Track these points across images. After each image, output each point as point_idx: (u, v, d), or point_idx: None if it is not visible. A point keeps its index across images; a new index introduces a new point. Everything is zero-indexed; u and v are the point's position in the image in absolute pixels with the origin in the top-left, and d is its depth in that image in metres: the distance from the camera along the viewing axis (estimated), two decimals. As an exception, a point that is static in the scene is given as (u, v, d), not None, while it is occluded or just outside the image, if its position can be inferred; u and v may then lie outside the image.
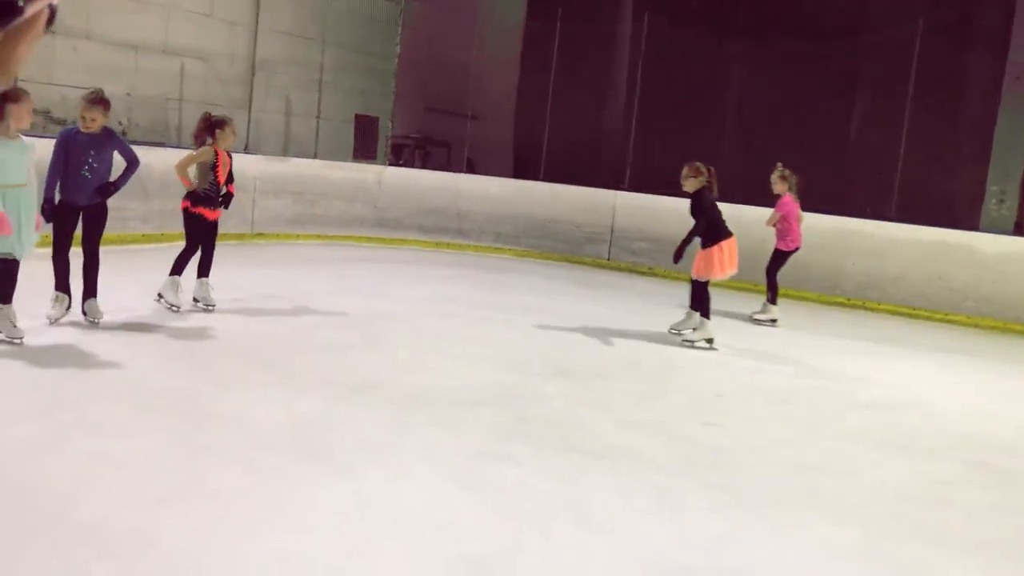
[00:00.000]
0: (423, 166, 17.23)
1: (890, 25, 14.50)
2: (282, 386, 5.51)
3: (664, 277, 13.12)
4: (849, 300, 11.90)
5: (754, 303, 10.33)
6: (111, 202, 6.70)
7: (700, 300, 8.15)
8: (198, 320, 7.11)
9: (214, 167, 7.31)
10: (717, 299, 8.49)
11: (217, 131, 7.34)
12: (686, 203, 13.26)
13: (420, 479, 4.20)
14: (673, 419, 5.67)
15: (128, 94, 12.81)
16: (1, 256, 5.76)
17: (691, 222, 8.29)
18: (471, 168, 16.48)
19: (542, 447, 4.83)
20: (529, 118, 16.85)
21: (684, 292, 11.99)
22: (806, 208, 10.38)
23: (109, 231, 10.61)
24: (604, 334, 8.36)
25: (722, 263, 8.17)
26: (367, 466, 4.29)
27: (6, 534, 3.25)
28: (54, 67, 11.77)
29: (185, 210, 7.36)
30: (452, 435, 4.89)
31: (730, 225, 8.48)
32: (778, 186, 9.87)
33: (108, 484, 3.79)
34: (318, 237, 13.27)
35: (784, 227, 9.88)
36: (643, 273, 13.36)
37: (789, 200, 9.84)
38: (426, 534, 3.60)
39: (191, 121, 10.63)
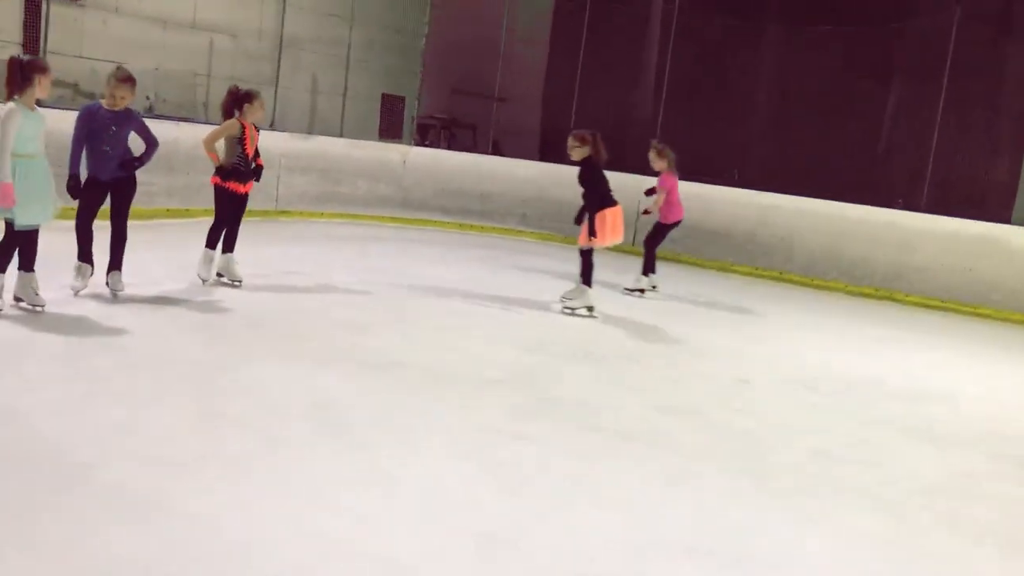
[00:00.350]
0: (448, 147, 17.16)
1: (927, 12, 14.25)
2: (303, 360, 5.49)
3: (689, 264, 13.02)
4: (877, 291, 11.76)
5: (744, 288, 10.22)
6: (140, 177, 6.70)
7: (585, 268, 8.07)
8: (222, 294, 7.11)
9: (241, 140, 7.26)
10: (717, 283, 8.39)
11: (245, 104, 7.29)
12: (713, 189, 13.16)
13: (438, 456, 4.17)
14: (697, 404, 5.60)
15: (156, 69, 12.82)
16: (24, 228, 5.75)
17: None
18: (497, 150, 16.40)
19: (562, 427, 4.79)
20: (556, 100, 16.73)
21: (711, 278, 11.91)
22: (838, 197, 10.26)
23: (135, 205, 10.66)
24: (627, 318, 8.29)
25: (604, 232, 8.05)
26: (385, 441, 4.27)
27: (29, 497, 3.25)
28: (83, 40, 11.81)
29: (216, 185, 7.33)
30: (471, 413, 4.86)
31: (763, 215, 8.35)
32: (657, 163, 9.88)
33: (129, 450, 3.78)
34: (342, 215, 13.27)
35: (668, 201, 9.86)
36: (668, 259, 13.24)
37: (668, 175, 9.85)
38: (442, 510, 3.57)
39: (218, 97, 10.61)
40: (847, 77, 15.12)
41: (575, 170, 12.17)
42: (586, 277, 8.04)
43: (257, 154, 7.51)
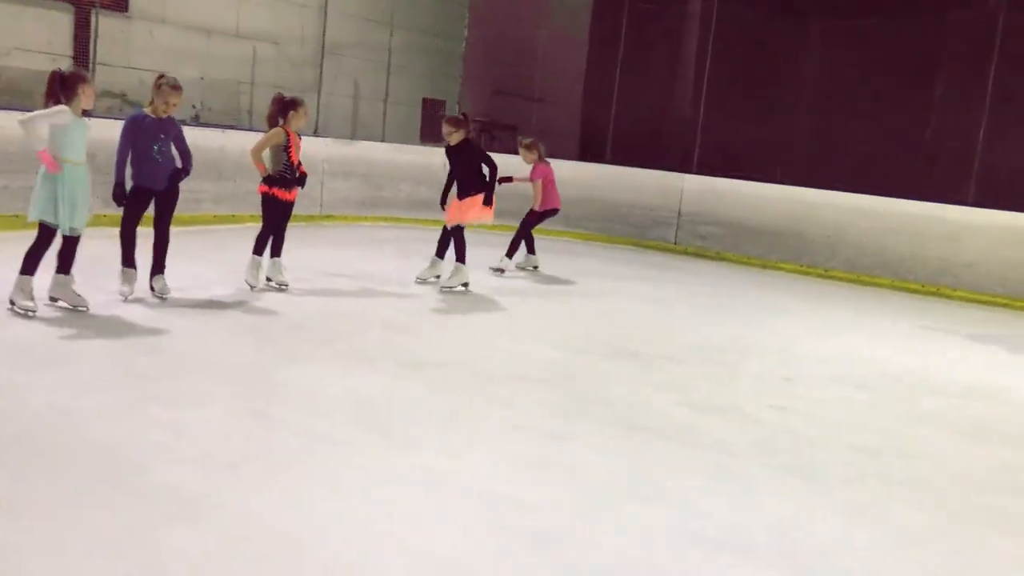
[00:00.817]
0: (489, 149, 17.21)
1: (973, 2, 14.00)
2: (347, 361, 5.58)
3: (733, 262, 12.95)
4: (923, 286, 11.59)
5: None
6: (187, 184, 6.87)
7: (458, 247, 8.37)
8: (267, 298, 7.23)
9: (286, 148, 7.37)
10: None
11: (290, 112, 7.39)
12: (756, 186, 13.08)
13: (482, 454, 4.21)
14: (742, 402, 5.58)
15: (201, 78, 13.07)
16: (67, 231, 5.94)
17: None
18: (537, 151, 16.40)
19: (607, 426, 4.81)
20: (596, 100, 16.71)
21: (755, 276, 11.84)
22: (884, 192, 10.13)
23: (183, 212, 10.87)
24: (671, 317, 8.28)
25: (469, 211, 8.38)
26: (430, 441, 4.32)
27: (84, 497, 3.36)
28: (131, 51, 12.07)
29: (263, 193, 7.46)
30: (516, 412, 4.89)
31: (807, 212, 8.31)
32: (528, 157, 10.16)
33: (180, 451, 3.88)
34: (385, 219, 13.39)
35: (544, 191, 10.11)
36: (711, 258, 13.19)
37: (542, 167, 10.10)
38: (487, 508, 3.61)
39: (262, 104, 10.82)
40: (891, 70, 14.90)
41: (615, 169, 12.38)
42: (460, 254, 8.37)
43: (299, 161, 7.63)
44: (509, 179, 9.96)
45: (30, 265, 5.88)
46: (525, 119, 16.78)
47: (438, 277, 8.62)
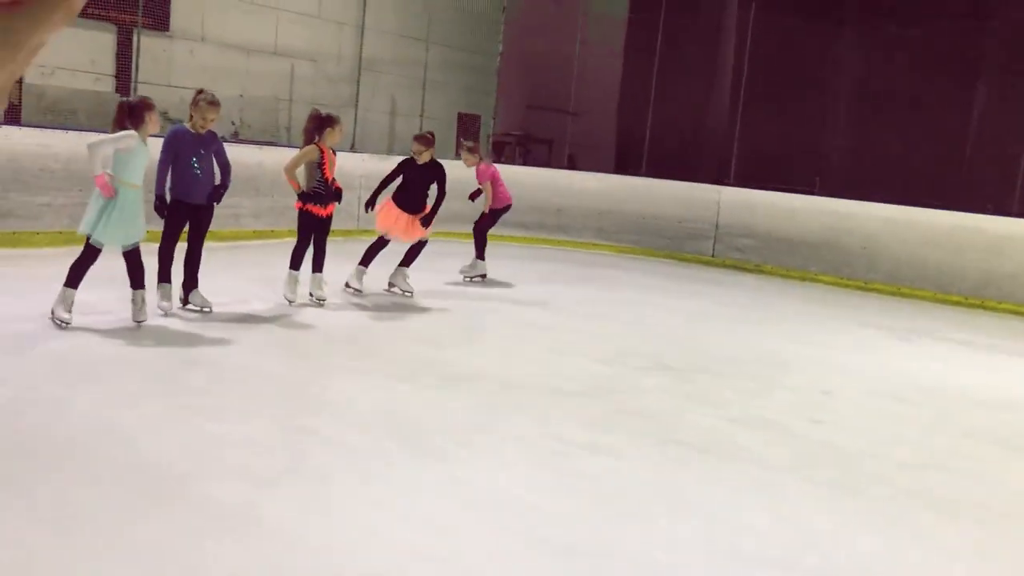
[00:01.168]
0: (524, 163, 17.28)
1: (1014, 7, 13.80)
2: (382, 375, 5.61)
3: (771, 274, 12.84)
4: (966, 298, 11.40)
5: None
6: (227, 200, 6.98)
7: (371, 251, 8.45)
8: (305, 312, 7.29)
9: (320, 165, 7.45)
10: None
11: (326, 129, 7.47)
12: (794, 197, 12.97)
13: (514, 466, 4.21)
14: (779, 416, 5.53)
15: (240, 95, 13.26)
16: (97, 246, 6.08)
17: None
18: (572, 164, 16.45)
19: (640, 439, 4.78)
20: (631, 112, 16.69)
21: (793, 288, 11.73)
22: (925, 203, 10.00)
23: (223, 227, 11.02)
24: (706, 330, 8.23)
25: (412, 227, 8.44)
26: (462, 452, 4.33)
27: (129, 507, 3.41)
28: (172, 70, 12.28)
29: (299, 209, 7.55)
30: (548, 424, 4.89)
31: (845, 223, 8.23)
32: (470, 160, 10.01)
33: (221, 463, 3.93)
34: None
35: (494, 190, 9.99)
36: (749, 270, 13.09)
37: (485, 167, 9.96)
38: (520, 520, 3.60)
39: (300, 121, 10.92)
40: (931, 77, 14.72)
41: (651, 181, 12.35)
42: (365, 259, 8.40)
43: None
44: (478, 192, 10.18)
45: (73, 278, 6.01)
46: (560, 133, 16.82)
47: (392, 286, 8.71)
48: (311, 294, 7.60)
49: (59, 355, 5.41)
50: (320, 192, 7.46)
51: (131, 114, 6.05)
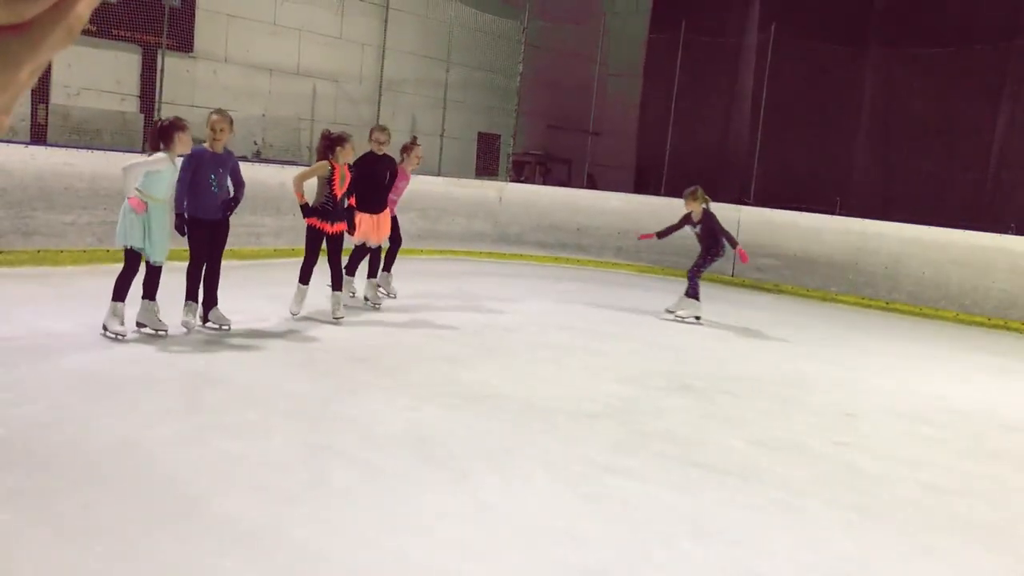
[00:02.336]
0: (544, 182, 17.31)
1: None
2: (403, 393, 5.61)
3: (792, 294, 12.78)
4: (989, 319, 11.30)
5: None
6: (248, 219, 7.04)
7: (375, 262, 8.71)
8: (325, 330, 7.32)
9: (330, 181, 7.54)
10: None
11: (337, 148, 7.57)
12: (815, 217, 12.94)
13: (538, 488, 4.19)
14: (801, 437, 5.48)
15: (263, 115, 13.38)
16: (152, 261, 6.36)
17: None
18: (592, 183, 16.45)
19: (663, 460, 4.75)
20: (651, 132, 16.69)
21: (814, 308, 11.65)
22: (946, 223, 9.92)
23: (244, 246, 11.09)
24: (727, 350, 8.19)
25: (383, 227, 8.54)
26: (485, 473, 4.32)
27: (147, 525, 3.41)
28: (195, 90, 12.41)
29: (308, 224, 7.64)
30: (571, 446, 4.87)
31: (867, 243, 8.18)
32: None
33: (240, 482, 3.93)
34: (440, 252, 13.50)
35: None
36: (768, 290, 13.03)
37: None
38: (544, 542, 3.58)
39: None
40: (952, 98, 14.64)
41: (670, 201, 12.29)
42: (350, 268, 8.53)
43: (349, 193, 7.77)
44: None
45: (120, 292, 6.28)
46: (580, 152, 16.84)
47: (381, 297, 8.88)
48: (366, 298, 8.08)
49: (83, 372, 5.44)
50: (327, 208, 7.54)
51: (162, 135, 6.33)
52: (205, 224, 6.75)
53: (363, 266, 8.67)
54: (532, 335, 8.04)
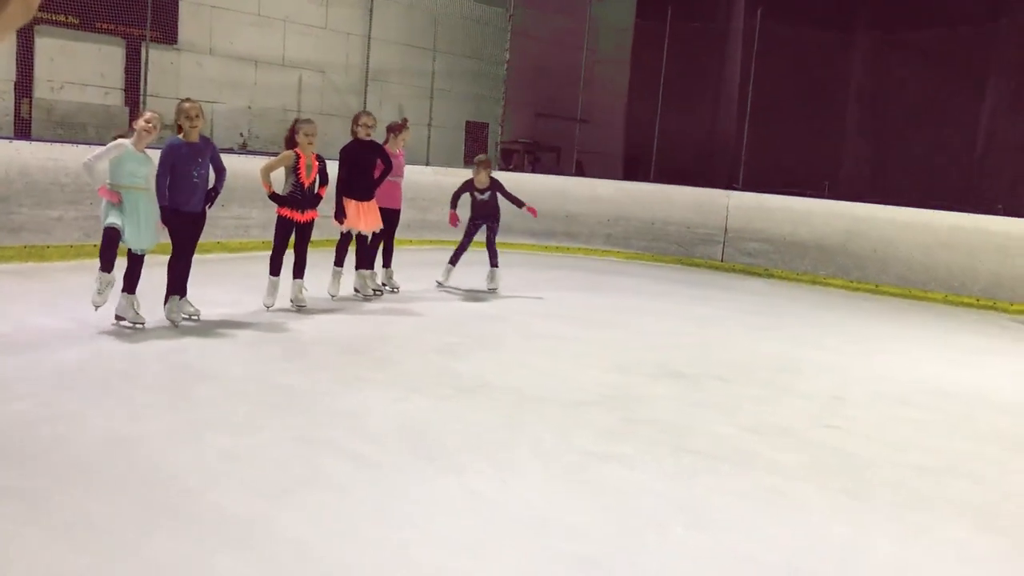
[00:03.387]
0: (532, 170, 17.28)
1: (1021, 9, 13.75)
2: (395, 385, 5.60)
3: (781, 279, 12.81)
4: (978, 300, 11.35)
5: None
6: (236, 211, 7.00)
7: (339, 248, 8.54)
8: (314, 322, 7.30)
9: (296, 170, 7.53)
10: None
11: (296, 136, 7.57)
12: (803, 201, 12.95)
13: (530, 477, 4.20)
14: (791, 422, 5.50)
15: (249, 107, 13.30)
16: (132, 250, 6.41)
17: None
18: (580, 171, 16.44)
19: (654, 448, 4.76)
20: (639, 119, 16.69)
21: (803, 292, 11.69)
22: (935, 205, 9.96)
23: (232, 238, 11.05)
24: (717, 336, 8.20)
25: (350, 216, 8.35)
26: (478, 464, 4.32)
27: (139, 521, 3.40)
28: (180, 82, 12.32)
29: (278, 215, 7.64)
30: (562, 435, 4.87)
31: (856, 226, 8.17)
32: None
33: (232, 476, 3.92)
34: (430, 242, 13.47)
35: None
36: (759, 275, 13.06)
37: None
38: (537, 532, 3.59)
39: (312, 130, 10.95)
40: (938, 82, 14.68)
41: (659, 187, 12.24)
42: (337, 259, 8.47)
43: (324, 182, 7.75)
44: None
45: (104, 263, 6.31)
46: (568, 140, 16.83)
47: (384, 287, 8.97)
48: (292, 300, 7.72)
49: (72, 368, 5.42)
50: (296, 197, 7.53)
51: (130, 123, 6.54)
52: (188, 217, 6.72)
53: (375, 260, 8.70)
54: (522, 324, 8.03)
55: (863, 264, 12.37)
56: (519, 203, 9.69)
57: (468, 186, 9.54)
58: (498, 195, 9.66)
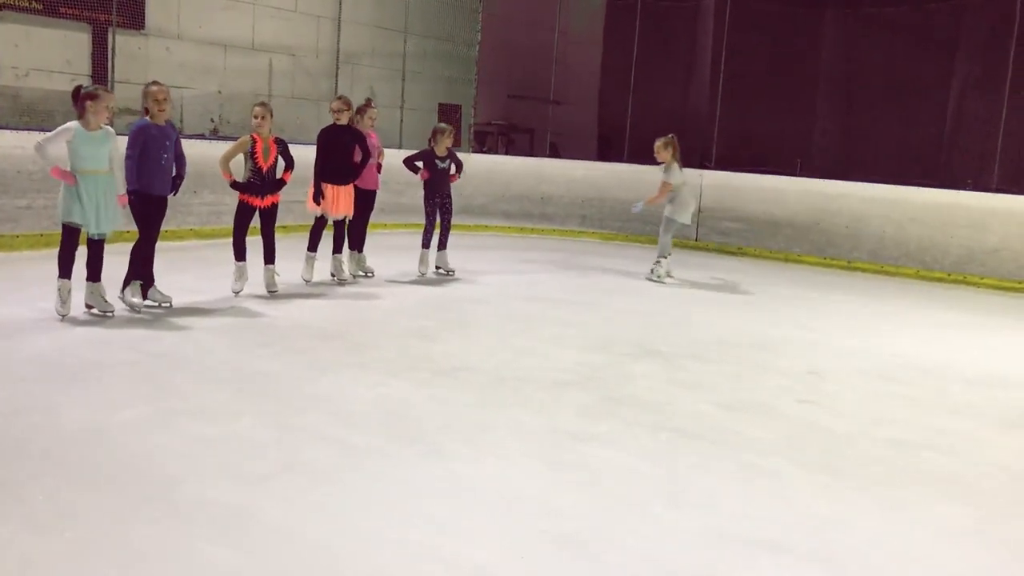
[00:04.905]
0: (506, 152, 17.24)
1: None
2: (372, 369, 5.59)
3: (755, 256, 12.88)
4: (949, 275, 11.47)
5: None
6: (209, 198, 6.93)
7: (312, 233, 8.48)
8: (290, 308, 7.26)
9: (253, 154, 7.49)
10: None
11: (253, 120, 7.55)
12: (776, 179, 12.99)
13: (510, 458, 4.21)
14: (769, 399, 5.54)
15: (219, 92, 13.15)
16: (91, 235, 6.29)
17: None
18: (555, 152, 16.42)
19: (632, 426, 4.79)
20: (612, 99, 16.68)
21: (777, 270, 11.76)
22: (906, 181, 10.02)
23: (205, 225, 10.95)
24: (693, 315, 8.24)
25: (326, 201, 8.33)
26: (457, 446, 4.32)
27: (117, 511, 3.38)
28: (148, 68, 12.15)
29: (239, 200, 7.61)
30: (541, 416, 4.88)
31: (828, 203, 8.22)
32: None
33: (211, 464, 3.90)
34: (404, 226, 13.41)
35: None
36: (732, 253, 13.13)
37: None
38: (517, 512, 3.60)
39: (280, 116, 10.85)
40: (909, 57, 14.77)
41: (633, 168, 12.19)
42: (311, 244, 8.39)
43: (290, 166, 7.71)
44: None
45: (62, 268, 6.23)
46: (541, 121, 16.78)
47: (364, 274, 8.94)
48: (267, 286, 7.73)
49: (44, 358, 5.36)
50: (254, 182, 7.49)
51: (74, 103, 6.26)
52: (155, 200, 6.66)
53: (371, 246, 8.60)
54: (499, 306, 8.03)
55: (836, 241, 12.46)
56: (460, 168, 9.59)
57: (427, 154, 9.43)
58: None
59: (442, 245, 9.55)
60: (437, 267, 9.54)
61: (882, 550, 3.49)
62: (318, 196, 8.17)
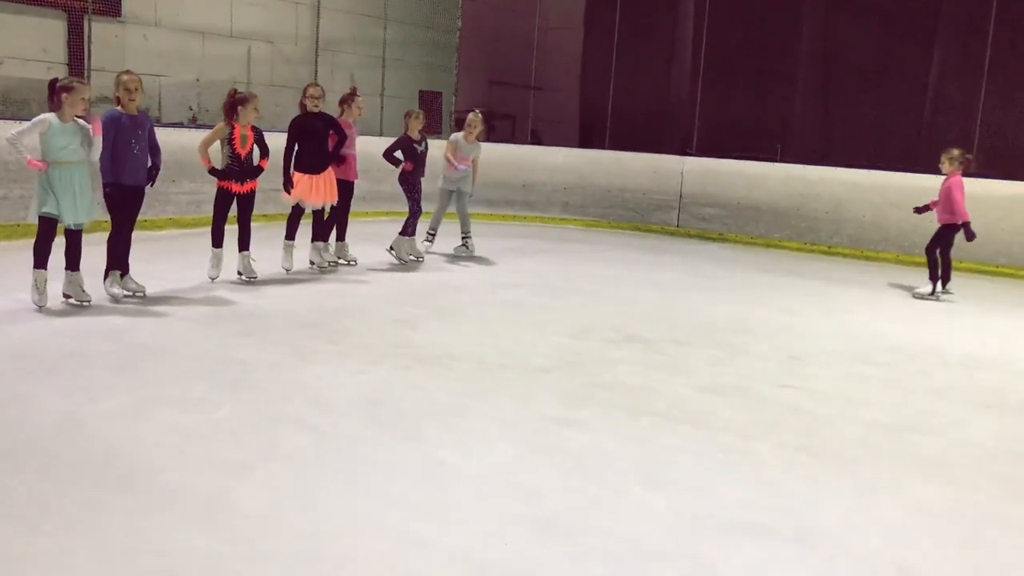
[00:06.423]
0: (488, 139, 17.18)
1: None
2: (353, 357, 5.58)
3: (736, 242, 12.93)
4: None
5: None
6: (188, 187, 6.88)
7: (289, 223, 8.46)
8: (270, 296, 7.23)
9: (231, 141, 7.47)
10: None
11: (239, 107, 7.49)
12: (757, 165, 13.03)
13: (490, 444, 4.21)
14: (748, 382, 5.57)
15: (197, 79, 13.04)
16: (67, 225, 6.27)
17: None
18: (536, 139, 16.40)
19: (612, 411, 4.80)
20: (594, 86, 16.67)
21: (758, 255, 11.80)
22: (885, 166, 10.04)
23: (184, 214, 10.88)
24: (674, 300, 8.27)
25: (298, 189, 8.30)
26: (438, 432, 4.32)
27: (96, 502, 3.36)
28: (125, 56, 12.04)
29: (218, 187, 7.60)
30: (521, 401, 4.89)
31: (809, 189, 8.24)
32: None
33: (190, 454, 3.88)
34: (385, 214, 13.37)
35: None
36: (713, 239, 13.17)
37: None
38: (497, 496, 3.61)
39: (259, 103, 10.78)
40: (888, 43, 14.82)
41: (615, 154, 12.16)
42: (289, 232, 8.37)
43: (265, 154, 7.72)
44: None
45: (38, 258, 6.17)
46: (523, 108, 16.75)
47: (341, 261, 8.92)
48: (239, 273, 7.73)
49: (20, 348, 5.32)
50: (233, 169, 7.47)
51: (49, 96, 6.22)
52: (128, 190, 6.62)
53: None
54: (481, 293, 8.03)
55: (816, 226, 12.52)
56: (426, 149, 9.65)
57: (405, 141, 9.41)
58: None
59: (412, 231, 9.54)
60: (392, 251, 9.46)
61: (861, 530, 3.52)
62: (287, 184, 8.12)
